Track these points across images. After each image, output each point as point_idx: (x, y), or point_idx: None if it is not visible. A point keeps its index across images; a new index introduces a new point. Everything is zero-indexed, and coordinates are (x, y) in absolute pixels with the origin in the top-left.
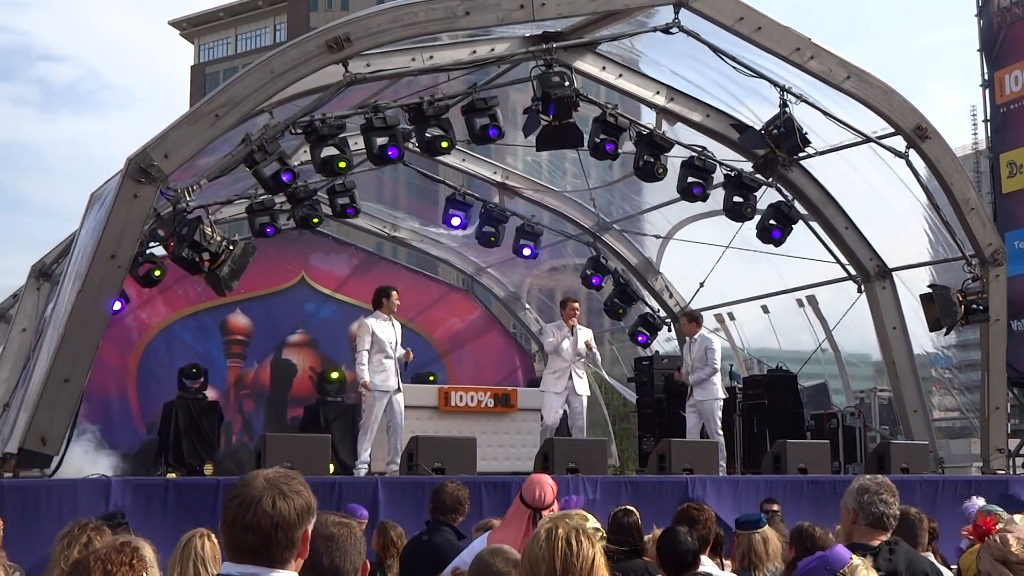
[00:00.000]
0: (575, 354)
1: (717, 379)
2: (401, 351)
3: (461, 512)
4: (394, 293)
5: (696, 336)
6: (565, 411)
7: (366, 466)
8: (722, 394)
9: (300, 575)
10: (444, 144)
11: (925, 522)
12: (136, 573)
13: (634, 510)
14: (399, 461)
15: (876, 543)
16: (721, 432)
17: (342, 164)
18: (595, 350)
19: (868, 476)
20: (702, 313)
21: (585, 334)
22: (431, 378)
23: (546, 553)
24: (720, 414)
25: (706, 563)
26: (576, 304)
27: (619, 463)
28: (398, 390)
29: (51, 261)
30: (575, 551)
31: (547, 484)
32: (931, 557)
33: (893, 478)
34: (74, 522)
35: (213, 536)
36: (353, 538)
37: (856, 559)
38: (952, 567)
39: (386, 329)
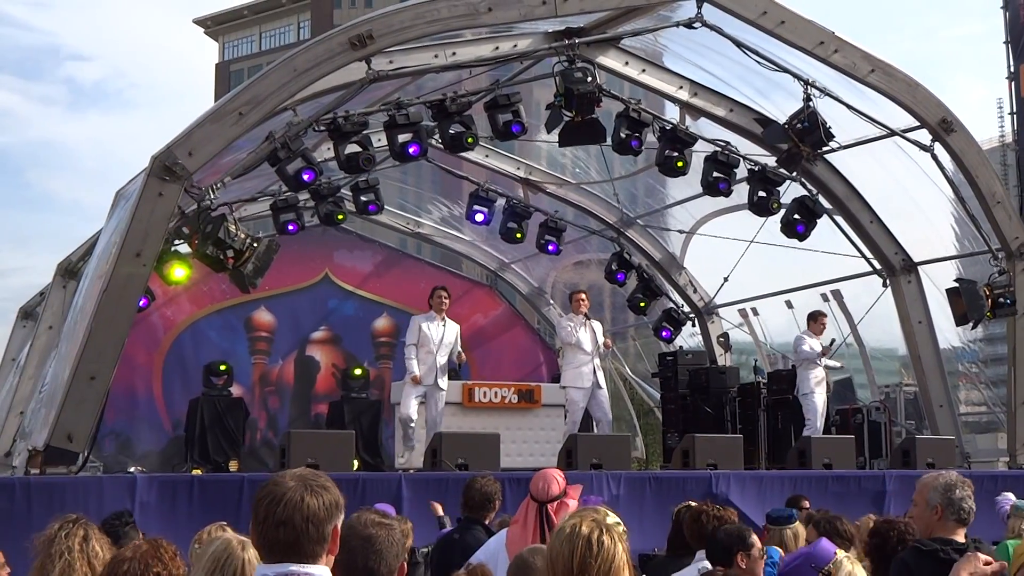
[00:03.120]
0: (594, 346)
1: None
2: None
3: (491, 507)
4: (439, 292)
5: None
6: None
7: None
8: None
9: (335, 574)
10: (469, 140)
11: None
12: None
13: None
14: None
15: (962, 540)
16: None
17: (366, 161)
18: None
19: (950, 472)
20: (725, 308)
21: (597, 327)
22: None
23: (566, 549)
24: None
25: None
26: (583, 295)
27: (644, 456)
28: (437, 386)
29: (77, 259)
30: (595, 551)
31: (552, 478)
32: None
33: (919, 474)
34: (60, 518)
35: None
36: (391, 539)
37: (841, 554)
38: None
39: (433, 327)
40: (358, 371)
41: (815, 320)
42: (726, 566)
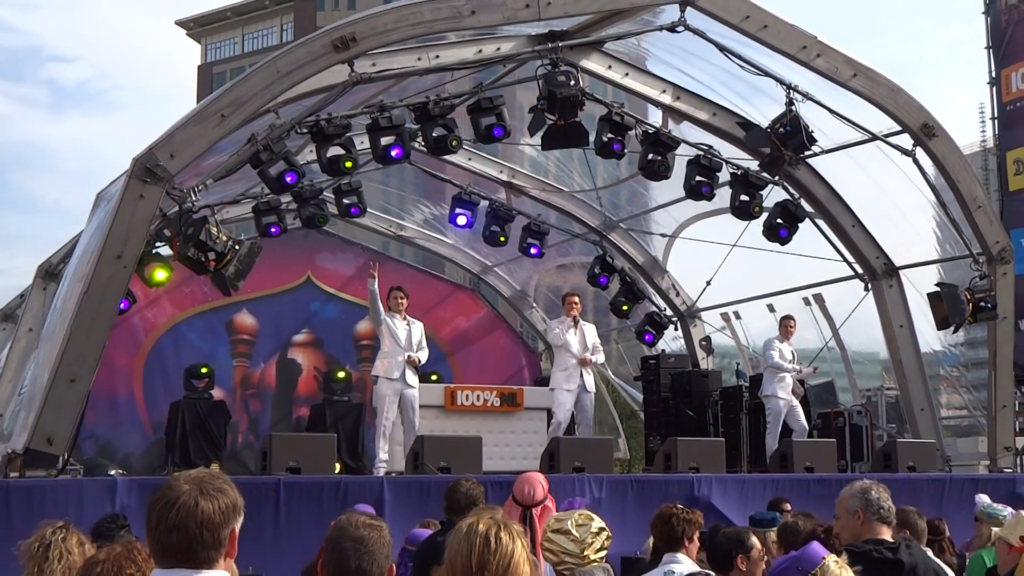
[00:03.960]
0: (583, 349)
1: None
2: (415, 354)
3: None
4: (395, 293)
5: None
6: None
7: (384, 465)
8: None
9: (322, 571)
10: (454, 143)
11: (923, 522)
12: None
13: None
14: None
15: (893, 539)
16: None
17: (348, 164)
18: (599, 348)
19: (863, 479)
20: (708, 312)
21: (590, 330)
22: (433, 377)
23: (464, 548)
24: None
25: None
26: (575, 298)
27: (628, 456)
28: (407, 384)
29: (58, 261)
30: (492, 547)
31: (537, 482)
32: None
33: (900, 477)
34: (47, 523)
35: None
36: (382, 540)
37: (829, 558)
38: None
39: (399, 326)
40: (340, 374)
41: (783, 325)
42: (726, 569)
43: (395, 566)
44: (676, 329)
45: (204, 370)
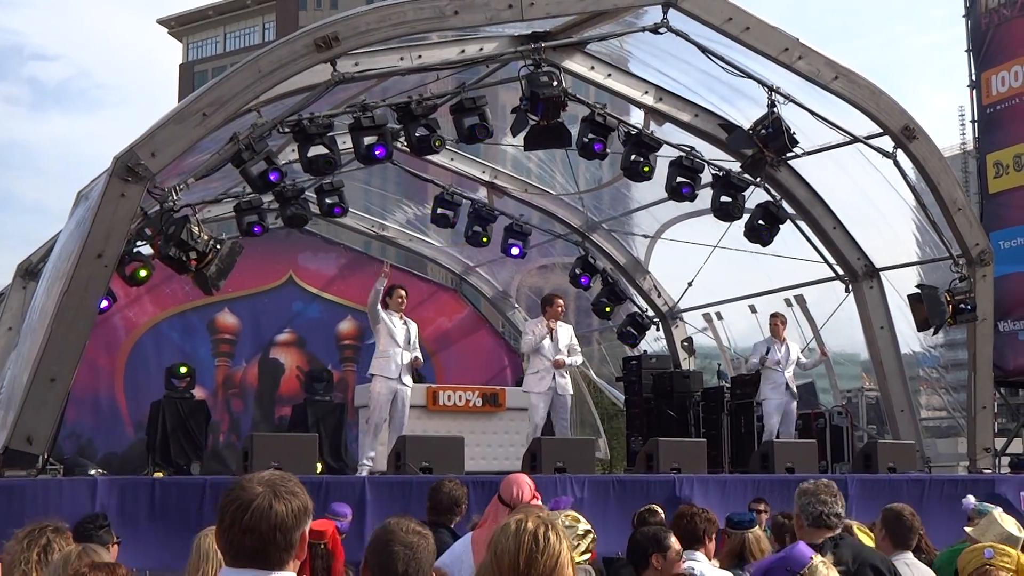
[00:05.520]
0: (556, 351)
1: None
2: (418, 355)
3: (458, 511)
4: (398, 291)
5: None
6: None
7: (369, 463)
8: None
9: (365, 570)
10: (437, 143)
11: (917, 522)
12: None
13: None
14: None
15: (820, 540)
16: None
17: (329, 163)
18: (576, 349)
19: (809, 480)
20: (690, 312)
21: (565, 331)
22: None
23: (512, 546)
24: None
25: (699, 558)
26: (561, 302)
27: (608, 457)
28: (402, 383)
29: (37, 260)
30: (541, 546)
31: (524, 482)
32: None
33: (881, 478)
34: (34, 523)
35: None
36: (428, 548)
37: (816, 559)
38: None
39: (398, 325)
40: (323, 374)
41: (770, 324)
42: (642, 567)
43: None
44: (658, 330)
45: (183, 369)
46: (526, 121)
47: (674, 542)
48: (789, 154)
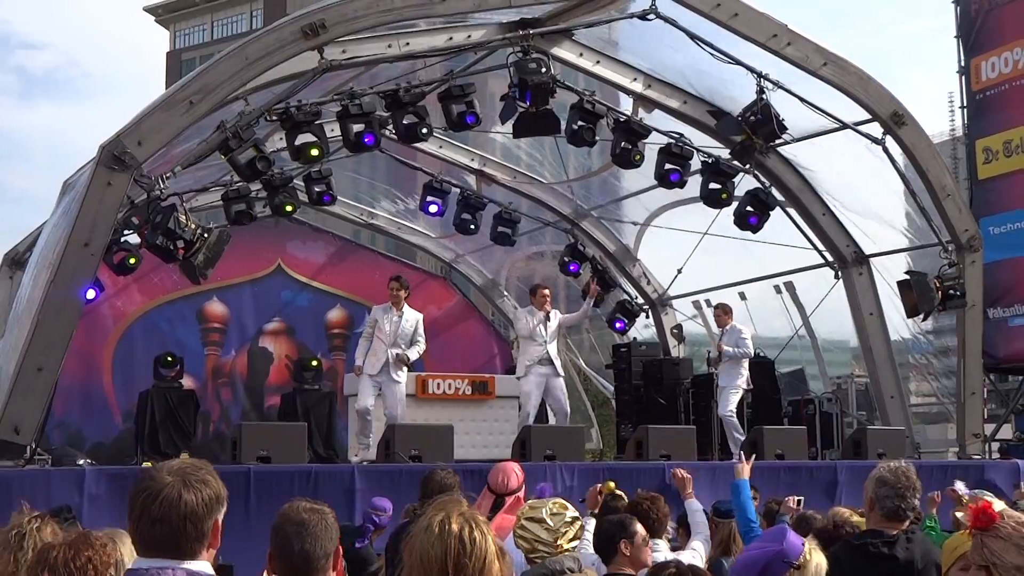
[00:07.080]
0: (550, 338)
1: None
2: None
3: None
4: (391, 283)
5: (728, 326)
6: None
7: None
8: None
9: (270, 560)
10: (424, 131)
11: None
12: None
13: None
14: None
15: (894, 532)
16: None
17: (317, 151)
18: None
19: (888, 467)
20: (679, 300)
21: (555, 316)
22: None
23: (439, 552)
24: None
25: (659, 546)
26: (547, 291)
27: (600, 447)
28: (391, 379)
29: (24, 250)
30: (468, 549)
31: (511, 470)
32: None
33: (870, 464)
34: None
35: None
36: (324, 524)
37: (807, 546)
38: None
39: (388, 319)
40: (312, 363)
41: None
42: (610, 555)
43: (356, 537)
44: (647, 317)
45: (171, 359)
46: (515, 108)
47: (640, 528)
48: (778, 141)
